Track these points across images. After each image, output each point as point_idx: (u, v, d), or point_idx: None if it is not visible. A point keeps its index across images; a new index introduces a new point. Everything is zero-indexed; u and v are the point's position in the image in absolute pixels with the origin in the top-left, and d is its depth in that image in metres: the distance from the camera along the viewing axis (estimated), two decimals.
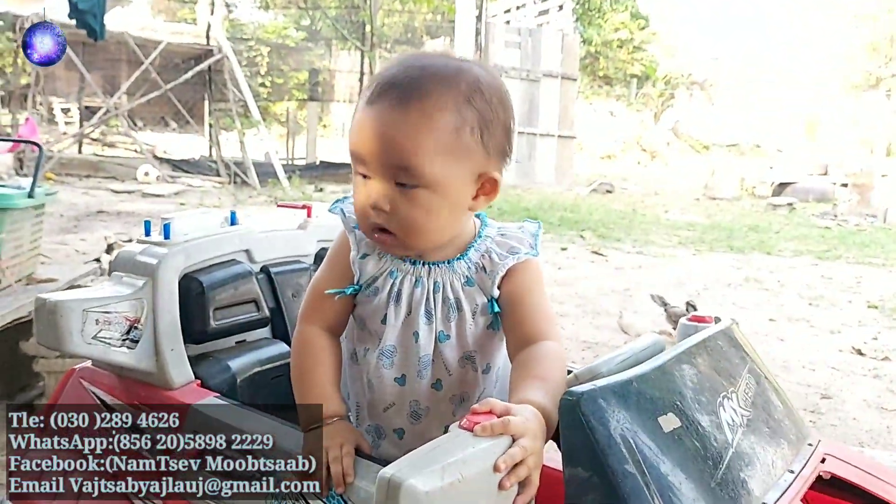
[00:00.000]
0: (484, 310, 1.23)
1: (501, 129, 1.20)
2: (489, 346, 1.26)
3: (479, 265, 1.23)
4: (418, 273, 1.24)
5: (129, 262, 1.56)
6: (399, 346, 1.24)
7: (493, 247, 1.24)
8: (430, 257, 1.24)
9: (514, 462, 0.96)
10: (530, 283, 1.24)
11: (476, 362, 1.24)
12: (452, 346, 1.23)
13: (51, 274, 3.20)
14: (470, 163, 1.17)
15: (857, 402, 4.08)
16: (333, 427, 1.22)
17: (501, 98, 1.21)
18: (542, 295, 1.26)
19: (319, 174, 15.60)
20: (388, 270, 1.25)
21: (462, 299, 1.23)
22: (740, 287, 7.18)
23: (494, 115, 1.18)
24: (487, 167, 1.19)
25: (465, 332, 1.23)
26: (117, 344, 1.46)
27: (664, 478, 1.05)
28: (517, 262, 1.23)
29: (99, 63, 16.65)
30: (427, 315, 1.22)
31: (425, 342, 1.23)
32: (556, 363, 1.17)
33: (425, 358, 1.23)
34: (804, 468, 1.27)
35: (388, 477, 0.90)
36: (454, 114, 1.14)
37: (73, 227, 8.47)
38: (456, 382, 1.24)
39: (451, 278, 1.23)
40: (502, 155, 1.21)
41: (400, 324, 1.24)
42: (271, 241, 1.83)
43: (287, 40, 22.06)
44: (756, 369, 1.40)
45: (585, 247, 9.15)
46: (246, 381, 1.58)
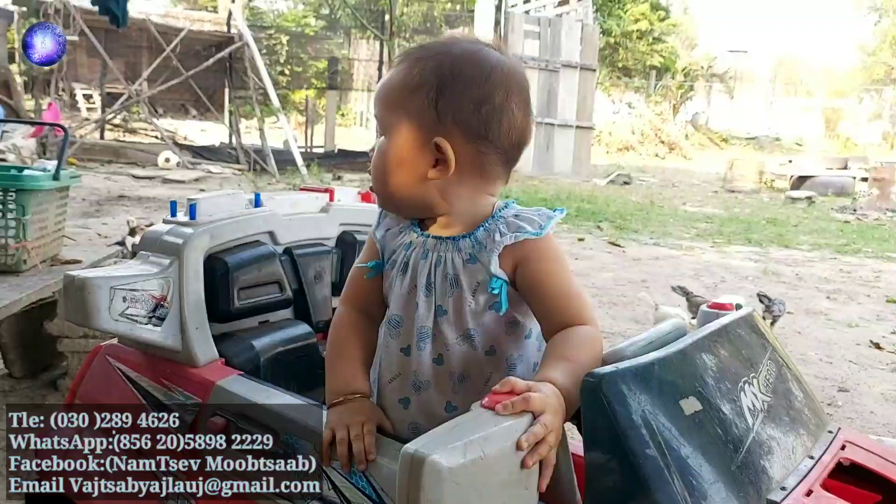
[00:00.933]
0: (484, 288, 1.22)
1: (468, 102, 1.20)
2: (493, 328, 1.24)
3: (482, 244, 1.23)
4: (427, 245, 1.25)
5: (155, 241, 1.58)
6: (404, 317, 1.26)
7: (501, 226, 1.23)
8: (439, 233, 1.26)
9: (536, 439, 0.97)
10: (548, 266, 1.22)
11: (475, 342, 1.23)
12: (450, 322, 1.23)
13: (74, 256, 3.24)
14: (419, 122, 1.21)
15: (875, 396, 4.06)
16: (356, 404, 1.24)
17: (481, 75, 1.21)
18: (566, 275, 1.23)
19: (337, 162, 15.64)
20: (403, 243, 1.28)
21: (461, 276, 1.22)
22: (758, 280, 7.14)
23: (461, 85, 1.20)
24: (439, 133, 1.20)
25: (462, 309, 1.22)
26: (144, 321, 1.49)
27: (684, 460, 1.05)
28: (517, 242, 1.21)
29: (121, 50, 16.77)
30: (427, 287, 1.24)
31: (424, 314, 1.24)
32: (586, 346, 1.16)
33: (424, 330, 1.24)
34: (824, 455, 1.27)
35: (412, 452, 0.91)
36: (419, 76, 1.21)
37: (95, 212, 8.55)
38: (456, 360, 1.24)
39: (453, 255, 1.23)
40: (464, 128, 1.20)
41: (405, 293, 1.26)
42: (294, 224, 1.85)
43: (306, 29, 22.08)
44: (776, 356, 1.40)
45: (602, 238, 9.13)
46: (269, 360, 1.60)
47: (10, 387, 3.34)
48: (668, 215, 11.93)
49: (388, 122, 1.23)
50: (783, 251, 9.09)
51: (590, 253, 8.02)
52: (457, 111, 1.20)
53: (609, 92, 29.86)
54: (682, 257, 8.18)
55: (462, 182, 1.23)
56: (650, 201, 13.95)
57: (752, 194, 16.67)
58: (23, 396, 3.25)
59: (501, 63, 1.23)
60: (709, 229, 10.59)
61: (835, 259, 8.71)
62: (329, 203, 1.96)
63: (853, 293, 6.78)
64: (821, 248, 9.48)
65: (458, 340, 1.23)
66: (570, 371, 1.09)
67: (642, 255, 8.14)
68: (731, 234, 10.14)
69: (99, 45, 14.29)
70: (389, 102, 1.23)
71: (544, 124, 17.98)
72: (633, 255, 8.13)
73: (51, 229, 3.07)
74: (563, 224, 9.74)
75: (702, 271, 7.37)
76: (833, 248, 9.45)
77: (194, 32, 16.33)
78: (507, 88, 1.22)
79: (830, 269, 7.98)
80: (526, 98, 1.25)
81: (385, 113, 1.24)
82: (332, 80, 20.05)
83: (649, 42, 31.32)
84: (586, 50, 18.71)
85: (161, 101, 19.48)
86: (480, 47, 1.25)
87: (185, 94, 19.00)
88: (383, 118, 1.24)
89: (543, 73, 17.91)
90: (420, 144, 1.21)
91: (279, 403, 1.35)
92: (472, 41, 1.28)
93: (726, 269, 7.64)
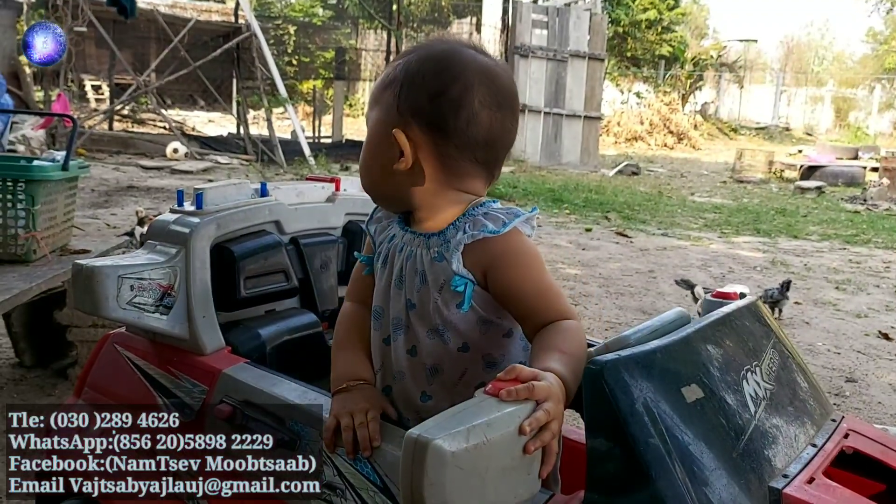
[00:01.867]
0: (449, 286, 1.22)
1: (423, 93, 1.20)
2: (463, 326, 1.23)
3: (449, 242, 1.23)
4: (405, 240, 1.28)
5: (162, 230, 1.60)
6: (384, 308, 1.29)
7: (466, 226, 1.23)
8: (417, 228, 1.28)
9: (539, 425, 0.98)
10: (518, 268, 1.21)
11: (445, 338, 1.24)
12: (419, 316, 1.25)
13: (83, 246, 3.26)
14: (385, 115, 1.23)
15: (883, 386, 4.05)
16: (360, 392, 1.26)
17: (439, 68, 1.21)
18: (538, 273, 1.22)
19: (345, 153, 15.61)
20: (388, 236, 1.31)
21: (427, 273, 1.23)
22: (766, 270, 7.12)
23: (420, 78, 1.21)
24: (397, 124, 1.21)
25: (428, 305, 1.23)
26: (151, 310, 1.50)
27: (686, 447, 1.06)
28: (476, 240, 1.20)
29: (129, 41, 16.79)
30: (399, 280, 1.26)
31: (395, 305, 1.27)
32: (575, 338, 1.17)
33: (396, 321, 1.27)
34: (827, 443, 1.27)
35: (415, 437, 0.92)
36: (393, 72, 1.25)
37: (104, 202, 8.59)
38: (426, 352, 1.25)
39: (422, 251, 1.25)
40: (419, 119, 1.20)
41: (384, 285, 1.29)
42: (300, 214, 1.86)
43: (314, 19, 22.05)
44: (780, 345, 1.40)
45: (610, 228, 9.11)
46: (275, 348, 1.61)
47: (20, 376, 3.37)
48: (676, 205, 11.90)
49: (368, 117, 1.28)
50: (792, 241, 9.06)
51: (597, 243, 8.00)
52: (413, 102, 1.21)
53: (617, 82, 29.71)
54: (690, 247, 8.16)
55: (428, 177, 1.23)
56: (658, 191, 13.90)
57: (761, 184, 16.59)
58: (33, 385, 3.28)
59: (468, 59, 1.23)
60: (717, 219, 10.56)
61: (844, 249, 8.67)
62: (335, 193, 1.97)
63: (862, 283, 6.76)
64: (830, 238, 9.45)
65: (428, 335, 1.25)
66: (564, 362, 1.10)
67: (650, 245, 8.13)
68: (739, 225, 10.11)
69: (107, 36, 14.30)
70: (371, 98, 1.28)
71: (552, 114, 17.91)
72: (641, 245, 8.11)
73: (60, 219, 3.09)
74: (570, 214, 9.73)
75: (710, 261, 7.36)
76: (842, 239, 9.41)
77: (202, 23, 16.32)
78: (467, 82, 1.20)
79: (839, 260, 7.95)
80: (496, 96, 1.22)
81: (368, 109, 1.29)
82: (339, 71, 20.01)
83: (658, 31, 31.11)
84: (595, 39, 18.60)
85: (169, 92, 19.50)
86: (457, 47, 1.25)
87: (193, 85, 19.01)
88: (367, 114, 1.30)
89: (551, 63, 17.83)
90: (384, 136, 1.23)
91: (285, 391, 1.37)
92: (453, 42, 1.29)
93: (734, 259, 7.62)
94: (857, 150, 20.64)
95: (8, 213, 2.82)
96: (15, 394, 3.18)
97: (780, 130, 31.31)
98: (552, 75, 17.82)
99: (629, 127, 26.88)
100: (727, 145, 26.31)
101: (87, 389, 1.67)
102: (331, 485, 1.24)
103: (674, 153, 25.06)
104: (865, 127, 32.09)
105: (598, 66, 18.94)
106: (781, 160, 19.23)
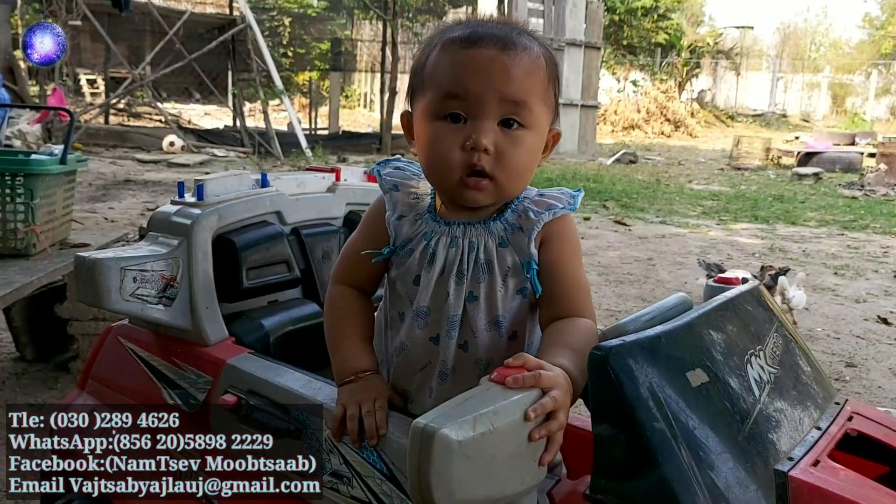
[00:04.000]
0: (515, 271, 1.22)
1: (558, 82, 1.25)
2: (517, 312, 1.24)
3: (515, 225, 1.23)
4: (454, 233, 1.24)
5: (164, 222, 1.59)
6: (432, 307, 1.25)
7: (530, 206, 1.24)
8: (466, 217, 1.24)
9: (544, 411, 0.98)
10: (569, 252, 1.24)
11: (502, 328, 1.24)
12: (480, 308, 1.22)
13: (83, 240, 3.26)
14: (549, 114, 1.23)
15: (883, 371, 4.07)
16: (366, 381, 1.25)
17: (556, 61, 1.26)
18: (579, 266, 1.26)
19: (342, 144, 15.62)
20: (422, 232, 1.26)
21: (494, 261, 1.22)
22: (764, 257, 7.13)
23: (558, 76, 1.24)
24: (554, 122, 1.25)
25: (494, 295, 1.22)
26: (154, 301, 1.50)
27: (692, 431, 1.06)
28: (555, 218, 1.23)
29: (123, 34, 16.73)
30: (458, 275, 1.22)
31: (454, 302, 1.23)
32: (586, 337, 1.17)
33: (454, 318, 1.23)
34: (831, 426, 1.28)
35: (422, 426, 0.92)
36: (546, 67, 1.20)
37: (101, 196, 8.58)
38: (481, 346, 1.24)
39: (486, 239, 1.23)
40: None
41: (433, 284, 1.24)
42: (301, 204, 1.85)
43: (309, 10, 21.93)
44: (783, 329, 1.41)
45: (608, 217, 9.11)
46: (279, 339, 1.61)
47: (22, 370, 3.38)
48: (674, 193, 11.90)
49: (533, 110, 1.22)
50: (790, 228, 9.07)
51: (596, 232, 8.01)
52: (558, 101, 1.25)
53: (614, 70, 29.68)
54: (688, 235, 8.17)
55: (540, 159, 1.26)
56: (656, 180, 13.90)
57: (758, 171, 16.59)
58: (35, 379, 3.28)
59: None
60: (715, 207, 10.56)
61: (842, 235, 8.68)
62: (335, 183, 1.97)
63: (860, 269, 6.77)
64: (828, 224, 9.45)
65: (486, 326, 1.23)
66: (574, 359, 1.10)
67: (648, 233, 8.13)
68: (737, 212, 10.11)
69: (102, 30, 14.26)
70: (535, 91, 1.22)
71: None
72: (640, 233, 8.12)
73: (59, 213, 3.09)
74: None
75: (708, 249, 7.36)
76: (840, 225, 9.42)
77: (197, 15, 16.27)
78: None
79: (838, 245, 7.96)
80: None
81: (532, 100, 1.22)
82: (335, 62, 19.96)
83: (654, 19, 31.05)
84: (591, 28, 18.57)
85: (164, 85, 19.45)
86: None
87: (189, 78, 18.96)
88: (531, 104, 1.23)
89: None
90: (546, 133, 1.25)
91: (289, 381, 1.37)
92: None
93: (733, 246, 7.63)
94: (854, 136, 20.63)
95: (7, 207, 2.82)
96: (17, 388, 3.18)
97: (777, 117, 31.30)
98: None
99: (626, 115, 26.87)
100: (724, 133, 26.32)
101: (92, 382, 1.68)
102: (337, 473, 1.25)
103: (671, 141, 25.07)
104: (862, 113, 32.08)
105: (595, 54, 18.92)
106: (779, 147, 19.23)
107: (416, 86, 1.24)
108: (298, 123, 15.14)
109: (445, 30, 1.22)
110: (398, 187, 1.30)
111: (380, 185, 1.32)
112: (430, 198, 1.29)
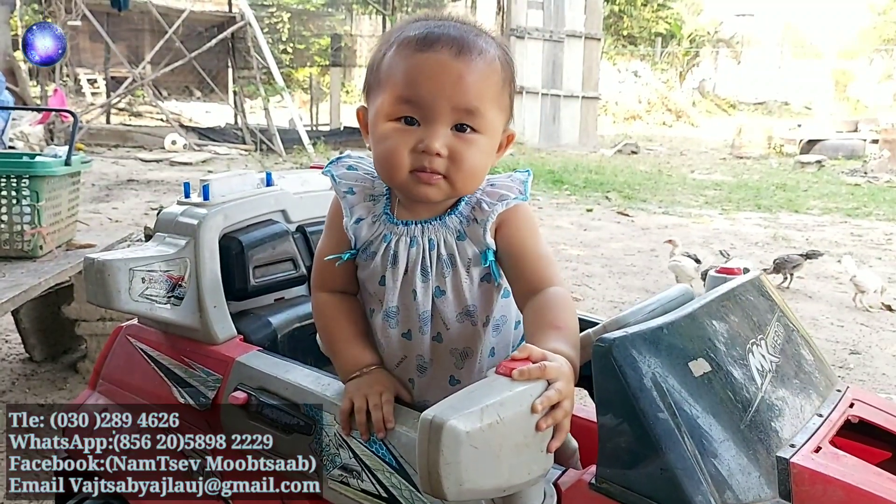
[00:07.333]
0: (476, 261, 1.24)
1: (513, 84, 1.26)
2: (486, 299, 1.28)
3: (469, 217, 1.25)
4: (412, 233, 1.25)
5: (171, 222, 1.61)
6: (401, 305, 1.27)
7: (482, 197, 1.26)
8: (422, 215, 1.26)
9: (550, 403, 1.00)
10: (525, 231, 1.26)
11: (475, 316, 1.27)
12: (449, 302, 1.25)
13: (89, 240, 3.27)
14: (504, 117, 1.24)
15: (887, 358, 4.08)
16: (372, 375, 1.28)
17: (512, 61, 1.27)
18: (539, 239, 1.27)
19: (344, 140, 15.59)
20: (381, 234, 1.27)
21: (455, 254, 1.24)
22: (768, 245, 7.14)
23: (513, 76, 1.25)
24: (508, 123, 1.26)
25: (461, 287, 1.25)
26: (162, 301, 1.52)
27: (695, 420, 1.08)
28: (507, 209, 1.24)
29: (123, 33, 16.75)
30: (423, 273, 1.25)
31: (423, 299, 1.25)
32: (566, 309, 1.20)
33: (424, 314, 1.26)
34: (832, 412, 1.29)
35: (431, 418, 0.94)
36: (501, 70, 1.21)
37: (105, 196, 8.60)
38: (455, 336, 1.27)
39: (444, 234, 1.25)
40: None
41: (399, 284, 1.26)
42: (306, 202, 1.87)
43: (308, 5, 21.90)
44: (784, 318, 1.42)
45: (611, 208, 9.12)
46: (286, 336, 1.63)
47: (31, 371, 3.40)
48: (676, 183, 11.90)
49: (486, 115, 1.24)
50: (793, 216, 9.07)
51: (598, 223, 8.02)
52: (512, 101, 1.26)
53: (614, 61, 29.58)
54: (691, 225, 8.17)
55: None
56: (658, 170, 13.90)
57: (760, 160, 16.57)
58: (44, 380, 3.31)
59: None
60: (718, 196, 10.56)
61: (845, 223, 8.68)
62: None
63: (864, 256, 6.77)
64: (831, 212, 9.45)
65: (458, 318, 1.27)
66: (565, 339, 1.12)
67: (651, 224, 8.14)
68: (740, 201, 10.11)
69: (101, 29, 14.26)
70: (488, 96, 1.23)
71: (550, 95, 17.88)
72: (642, 224, 8.12)
73: (65, 214, 3.10)
74: (571, 195, 9.73)
75: (711, 238, 7.37)
76: (844, 212, 9.41)
77: (196, 13, 16.25)
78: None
79: (841, 233, 7.96)
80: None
81: (485, 105, 1.23)
82: (335, 57, 19.93)
83: (654, 8, 30.95)
84: (590, 19, 18.52)
85: (165, 84, 19.46)
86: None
87: (189, 76, 18.97)
88: (482, 110, 1.23)
89: (548, 44, 17.78)
90: (500, 134, 1.26)
91: (299, 377, 1.39)
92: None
93: (736, 235, 7.64)
94: (856, 122, 20.56)
95: (13, 209, 2.83)
96: (26, 389, 3.21)
97: (779, 105, 31.21)
98: (549, 56, 17.77)
99: (627, 106, 26.81)
100: (726, 122, 26.25)
101: (102, 381, 1.70)
102: (347, 467, 1.27)
103: (672, 131, 25.02)
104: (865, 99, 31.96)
105: (595, 45, 18.88)
106: (781, 135, 19.18)
107: (371, 83, 1.24)
108: (300, 120, 15.15)
109: (403, 27, 1.23)
110: (353, 190, 1.32)
111: (334, 189, 1.34)
112: (386, 198, 1.30)
